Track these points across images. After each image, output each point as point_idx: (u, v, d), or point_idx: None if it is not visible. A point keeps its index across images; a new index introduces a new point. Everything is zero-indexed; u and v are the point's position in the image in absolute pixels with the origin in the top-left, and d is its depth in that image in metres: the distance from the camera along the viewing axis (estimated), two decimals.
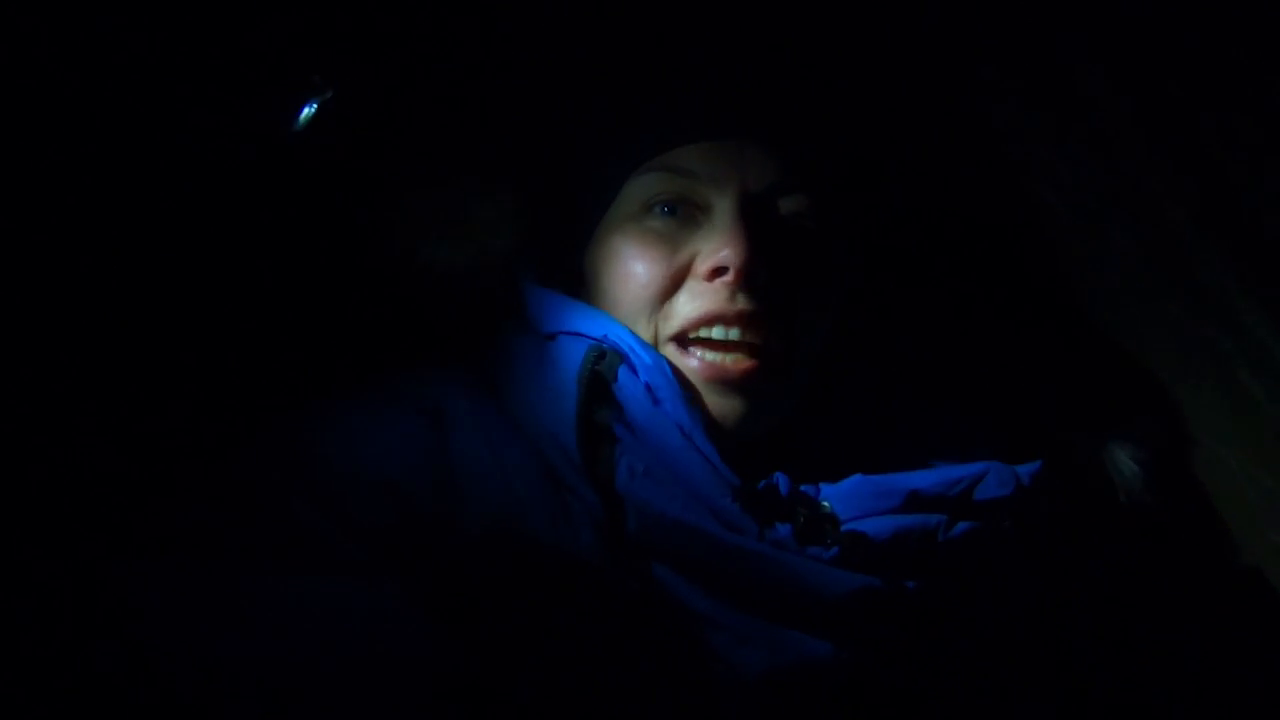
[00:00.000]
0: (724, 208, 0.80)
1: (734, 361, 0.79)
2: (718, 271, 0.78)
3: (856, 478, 0.80)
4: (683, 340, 0.80)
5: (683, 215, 0.81)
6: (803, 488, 0.79)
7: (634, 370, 0.78)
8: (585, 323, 0.80)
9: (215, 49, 0.74)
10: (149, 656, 0.62)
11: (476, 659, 0.69)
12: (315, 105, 0.76)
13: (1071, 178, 0.82)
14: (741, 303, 0.78)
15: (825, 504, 0.78)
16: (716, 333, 0.79)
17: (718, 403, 0.79)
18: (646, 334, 0.81)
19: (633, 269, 0.81)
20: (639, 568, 0.74)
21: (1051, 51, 0.80)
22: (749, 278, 0.77)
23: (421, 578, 0.69)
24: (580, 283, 0.87)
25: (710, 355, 0.79)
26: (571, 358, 0.78)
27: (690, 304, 0.80)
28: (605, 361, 0.78)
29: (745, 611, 0.74)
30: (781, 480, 0.78)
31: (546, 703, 0.69)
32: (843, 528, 0.76)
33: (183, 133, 0.76)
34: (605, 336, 0.79)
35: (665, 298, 0.81)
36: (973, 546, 0.79)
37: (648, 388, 0.77)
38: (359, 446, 0.74)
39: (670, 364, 0.79)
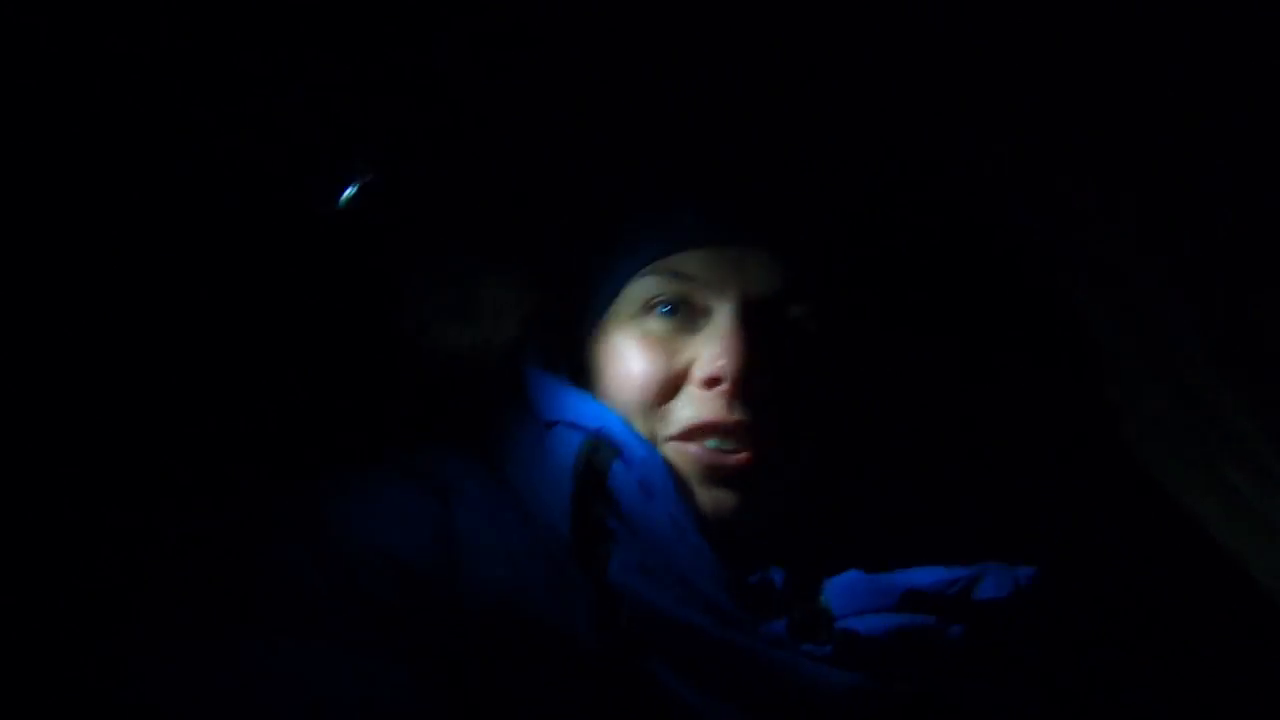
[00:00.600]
0: (723, 313, 0.81)
1: (731, 455, 0.79)
2: (714, 381, 0.79)
3: (854, 573, 0.80)
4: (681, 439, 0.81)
5: (683, 318, 0.82)
6: (800, 582, 0.79)
7: (627, 464, 0.79)
8: (582, 413, 0.82)
9: (271, 118, 0.80)
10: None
11: None
12: (357, 187, 0.81)
13: (1067, 279, 0.85)
14: (738, 413, 0.78)
15: (822, 599, 0.79)
16: (711, 444, 0.80)
17: (712, 496, 0.80)
18: (644, 433, 0.82)
19: (631, 369, 0.82)
20: (634, 658, 0.74)
21: (1051, 158, 0.83)
22: (745, 388, 0.78)
23: (422, 652, 0.70)
24: (584, 373, 0.89)
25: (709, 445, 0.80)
26: (567, 448, 0.80)
27: (687, 410, 0.80)
28: (599, 454, 0.79)
29: (738, 709, 0.74)
30: (777, 575, 0.79)
31: None
32: (838, 624, 0.77)
33: (227, 198, 0.81)
34: (601, 429, 0.80)
35: (663, 401, 0.82)
36: (969, 648, 0.79)
37: (640, 483, 0.78)
38: (366, 518, 0.76)
39: (665, 458, 0.80)
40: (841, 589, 0.80)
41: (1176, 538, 0.86)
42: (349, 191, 0.81)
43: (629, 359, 0.83)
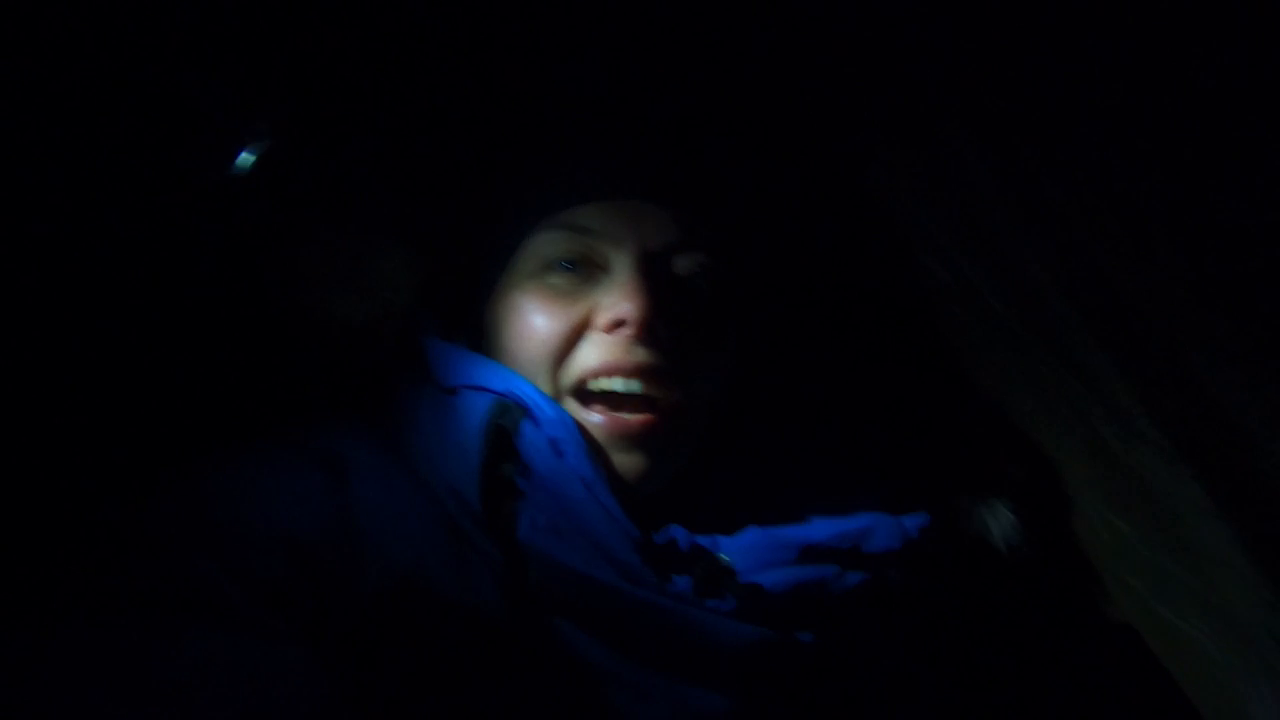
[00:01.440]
0: (623, 263, 0.82)
1: (633, 416, 0.80)
2: (617, 324, 0.80)
3: (753, 530, 0.83)
4: (583, 395, 0.82)
5: (583, 272, 0.83)
6: (701, 540, 0.81)
7: (537, 424, 0.79)
8: (488, 377, 0.81)
9: (169, 82, 0.75)
10: None
11: (374, 716, 0.69)
12: (253, 152, 0.77)
13: (948, 244, 0.89)
14: (640, 355, 0.80)
15: (723, 557, 0.81)
16: (617, 384, 0.81)
17: (619, 458, 0.81)
18: (548, 388, 0.82)
19: (532, 322, 0.83)
20: (541, 622, 0.75)
21: (931, 129, 0.87)
22: (647, 330, 0.79)
23: (320, 632, 0.69)
24: (482, 337, 0.88)
25: (611, 410, 0.81)
26: (474, 411, 0.79)
27: (590, 353, 0.81)
28: (508, 415, 0.79)
29: (645, 666, 0.75)
30: (680, 534, 0.80)
31: None
32: (740, 579, 0.79)
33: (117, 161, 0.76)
34: (509, 391, 0.80)
35: (566, 352, 0.82)
36: (862, 597, 0.83)
37: (551, 441, 0.78)
38: (256, 499, 0.74)
39: (573, 418, 0.80)
40: (742, 546, 0.82)
41: (1051, 490, 0.93)
42: (244, 157, 0.77)
43: (530, 313, 0.83)
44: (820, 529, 0.83)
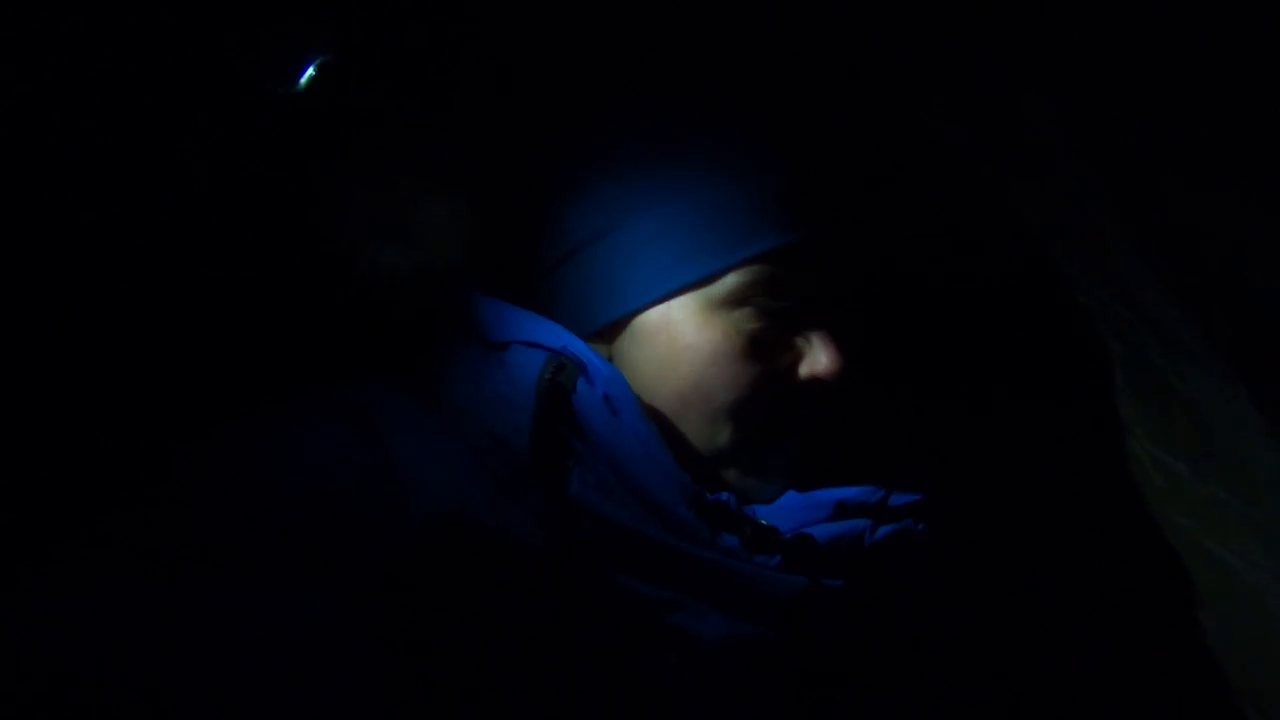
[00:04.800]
0: (818, 309, 0.81)
1: None
2: (815, 381, 0.81)
3: (789, 494, 0.85)
4: None
5: (781, 317, 0.81)
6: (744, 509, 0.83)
7: (591, 381, 0.79)
8: (542, 333, 0.81)
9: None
10: (75, 680, 0.59)
11: (422, 666, 0.69)
12: (315, 67, 0.77)
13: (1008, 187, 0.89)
14: (821, 413, 0.82)
15: (763, 520, 0.82)
16: None
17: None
18: (695, 434, 0.82)
19: (738, 374, 0.80)
20: (592, 562, 0.75)
21: (1006, 87, 0.86)
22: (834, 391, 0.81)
23: (361, 583, 0.69)
24: (542, 300, 0.87)
25: None
26: (529, 367, 0.79)
27: (779, 412, 0.81)
28: (564, 372, 0.79)
29: (699, 599, 0.76)
30: (729, 497, 0.82)
31: (508, 696, 0.70)
32: (794, 533, 0.82)
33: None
34: (564, 347, 0.80)
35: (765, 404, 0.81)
36: (893, 546, 0.85)
37: (606, 398, 0.79)
38: (286, 456, 0.74)
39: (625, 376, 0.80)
40: (780, 509, 0.84)
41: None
42: (309, 71, 0.77)
43: (734, 362, 0.80)
44: (850, 488, 0.85)
